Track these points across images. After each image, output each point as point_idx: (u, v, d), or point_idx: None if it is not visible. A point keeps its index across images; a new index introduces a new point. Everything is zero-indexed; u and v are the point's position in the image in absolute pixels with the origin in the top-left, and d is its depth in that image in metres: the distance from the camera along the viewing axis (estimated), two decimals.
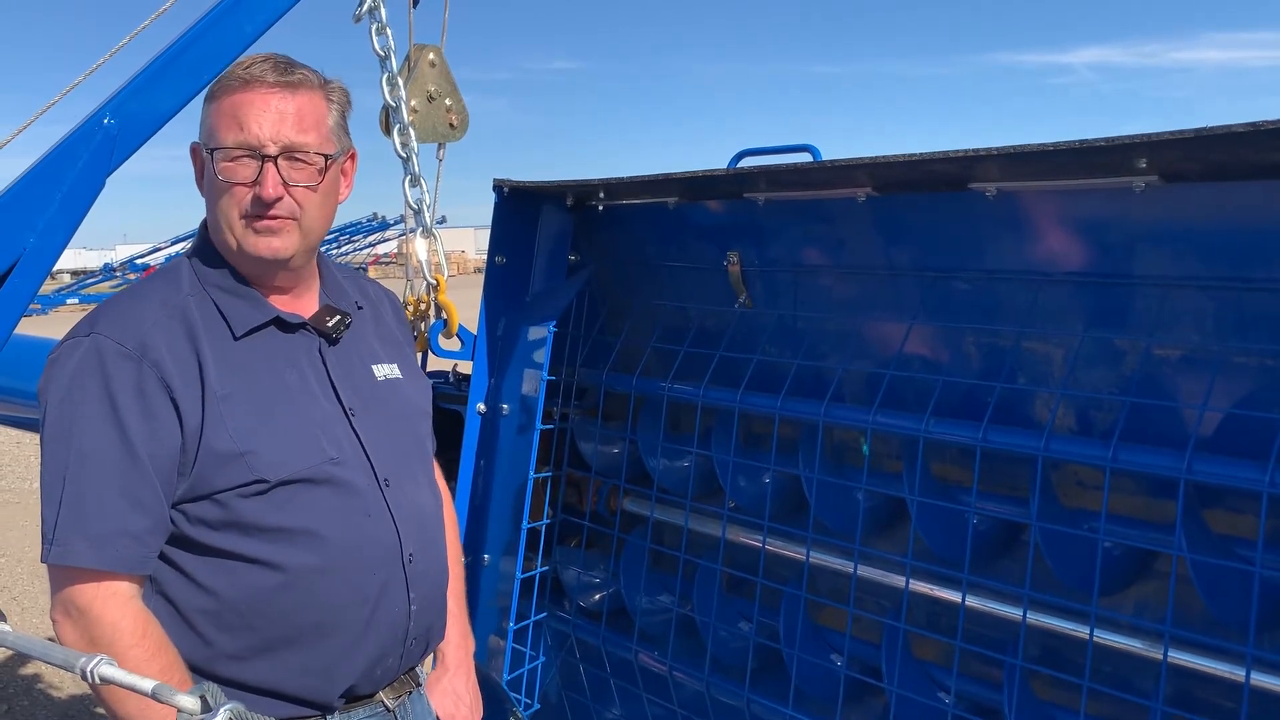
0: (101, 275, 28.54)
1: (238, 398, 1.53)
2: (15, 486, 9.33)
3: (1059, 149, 1.54)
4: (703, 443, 2.31)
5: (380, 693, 1.67)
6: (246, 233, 1.58)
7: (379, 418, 1.68)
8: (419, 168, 2.67)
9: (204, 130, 1.60)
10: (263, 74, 1.56)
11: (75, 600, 1.47)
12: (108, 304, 1.60)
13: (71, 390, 1.50)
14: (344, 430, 1.62)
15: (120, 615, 1.47)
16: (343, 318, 1.69)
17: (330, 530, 1.55)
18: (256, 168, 1.55)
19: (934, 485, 2.02)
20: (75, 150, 2.13)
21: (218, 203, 1.58)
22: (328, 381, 1.64)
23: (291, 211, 1.58)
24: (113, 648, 1.44)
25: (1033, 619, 1.82)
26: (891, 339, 2.08)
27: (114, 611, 1.47)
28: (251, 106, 1.55)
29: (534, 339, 2.37)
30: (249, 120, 1.54)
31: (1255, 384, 1.65)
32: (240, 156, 1.55)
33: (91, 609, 1.46)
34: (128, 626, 1.47)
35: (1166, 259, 1.70)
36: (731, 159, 2.28)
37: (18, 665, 5.08)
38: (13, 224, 2.10)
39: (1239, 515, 1.71)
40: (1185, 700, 1.71)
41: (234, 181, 1.55)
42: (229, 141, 1.55)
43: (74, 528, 1.46)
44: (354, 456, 1.61)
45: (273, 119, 1.55)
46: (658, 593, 2.51)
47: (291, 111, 1.57)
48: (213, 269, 1.62)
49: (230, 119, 1.55)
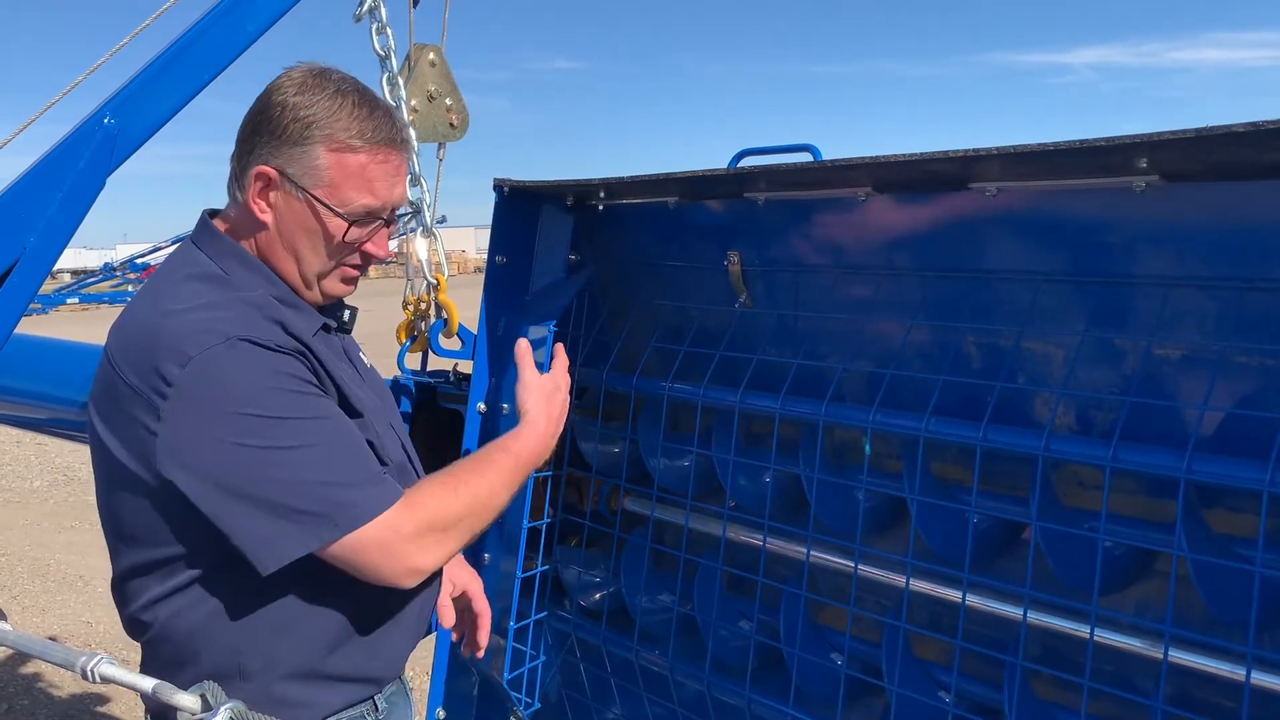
0: (101, 275, 28.52)
1: (346, 388, 1.60)
2: (15, 486, 9.32)
3: (1059, 149, 1.54)
4: (703, 442, 2.31)
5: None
6: (335, 280, 1.65)
7: (388, 406, 1.80)
8: (419, 167, 2.68)
9: (310, 175, 1.57)
10: (390, 136, 1.60)
11: (407, 532, 1.49)
12: (193, 316, 1.50)
13: (251, 391, 1.45)
14: (385, 422, 1.73)
15: (426, 490, 1.55)
16: (353, 311, 1.79)
17: None
18: (373, 228, 1.63)
19: (934, 484, 2.02)
20: (76, 150, 2.14)
21: (320, 252, 1.61)
22: (357, 374, 1.74)
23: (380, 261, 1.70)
24: (450, 520, 1.54)
25: (1033, 618, 1.82)
26: (892, 338, 2.08)
27: (425, 497, 1.53)
28: (380, 170, 1.59)
29: (534, 338, 2.36)
30: (378, 186, 1.59)
31: (1256, 384, 1.65)
32: (364, 219, 1.61)
33: (425, 518, 1.51)
34: (437, 487, 1.57)
35: (1167, 259, 1.70)
36: (732, 159, 2.28)
37: (17, 664, 5.08)
38: (13, 223, 2.10)
39: (1239, 515, 1.71)
40: (1186, 700, 1.71)
41: (358, 243, 1.62)
42: (357, 205, 1.59)
43: (358, 484, 1.47)
44: (397, 445, 1.73)
45: (397, 185, 1.63)
46: (658, 592, 2.52)
47: (404, 174, 1.66)
48: (259, 278, 1.62)
49: (359, 180, 1.57)
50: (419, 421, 2.58)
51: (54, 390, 2.81)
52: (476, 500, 1.59)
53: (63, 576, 6.66)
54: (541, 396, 1.83)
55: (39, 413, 3.03)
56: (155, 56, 2.24)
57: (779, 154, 2.25)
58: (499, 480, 1.65)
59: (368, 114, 1.58)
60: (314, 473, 1.44)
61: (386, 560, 1.48)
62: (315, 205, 1.58)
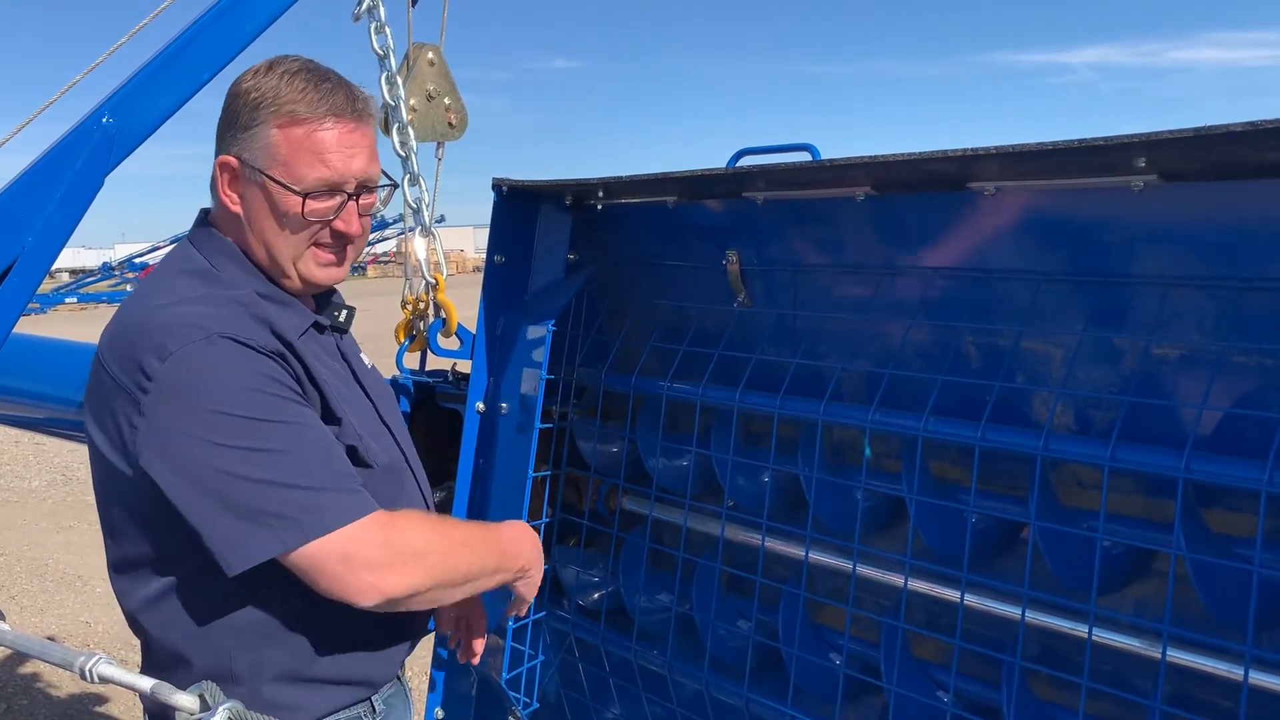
0: (100, 274, 28.51)
1: (332, 390, 1.58)
2: (14, 485, 9.32)
3: (1058, 148, 1.53)
4: (702, 442, 2.31)
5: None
6: (311, 264, 1.62)
7: (388, 406, 1.78)
8: (418, 167, 2.68)
9: (263, 155, 1.56)
10: (341, 108, 1.56)
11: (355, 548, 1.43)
12: (178, 310, 1.50)
13: (227, 389, 1.43)
14: (378, 421, 1.71)
15: (405, 516, 1.51)
16: (350, 311, 1.77)
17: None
18: (337, 204, 1.57)
19: (933, 484, 2.02)
20: (74, 149, 2.13)
21: (288, 234, 1.58)
22: (352, 374, 1.72)
23: (358, 239, 1.64)
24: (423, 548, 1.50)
25: (1032, 618, 1.82)
26: (890, 338, 2.08)
27: (401, 520, 1.49)
28: (335, 143, 1.55)
29: (533, 338, 2.36)
30: (333, 158, 1.55)
31: (1254, 383, 1.65)
32: (323, 194, 1.56)
33: (394, 538, 1.46)
34: (416, 518, 1.53)
35: (1165, 258, 1.70)
36: (730, 158, 2.28)
37: (16, 664, 5.08)
38: (11, 223, 2.10)
39: (1238, 514, 1.71)
40: (1184, 699, 1.71)
41: (318, 220, 1.57)
42: (311, 180, 1.55)
43: (328, 490, 1.43)
44: (391, 444, 1.71)
45: (354, 156, 1.57)
46: (657, 591, 2.52)
47: (367, 145, 1.60)
48: (248, 275, 1.61)
49: (311, 155, 1.54)
50: (417, 421, 2.58)
51: (52, 390, 2.81)
52: (450, 545, 1.56)
53: (61, 576, 6.66)
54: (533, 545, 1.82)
55: (37, 412, 3.03)
56: (154, 56, 2.23)
57: (778, 153, 2.25)
58: (479, 543, 1.63)
59: (314, 86, 1.56)
60: (284, 477, 1.42)
61: (347, 573, 1.42)
62: (270, 185, 1.56)
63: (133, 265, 26.79)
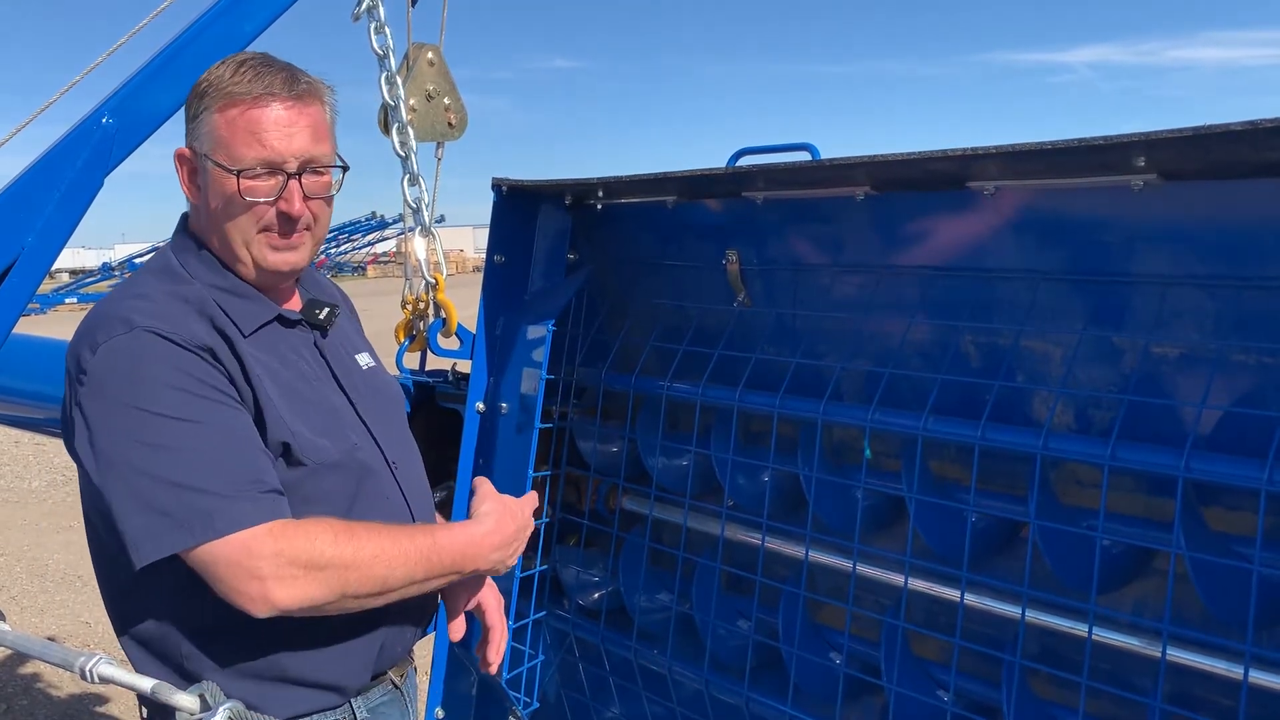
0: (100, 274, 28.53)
1: (272, 387, 1.56)
2: (14, 486, 9.31)
3: (1057, 147, 1.54)
4: (702, 441, 2.31)
5: (389, 671, 1.72)
6: (264, 249, 1.60)
7: (375, 404, 1.74)
8: (417, 167, 2.68)
9: (208, 140, 1.57)
10: (275, 87, 1.55)
11: (254, 557, 1.39)
12: (120, 304, 1.53)
13: (145, 375, 1.44)
14: (352, 417, 1.67)
15: (309, 527, 1.44)
16: (332, 309, 1.73)
17: (360, 513, 1.59)
18: (278, 184, 1.56)
19: (933, 483, 2.02)
20: (74, 149, 2.14)
21: (234, 218, 1.57)
22: (329, 372, 1.69)
23: (309, 224, 1.61)
24: (331, 557, 1.42)
25: (1031, 617, 1.82)
26: (890, 337, 2.08)
27: (300, 531, 1.43)
28: (271, 122, 1.55)
29: (533, 338, 2.37)
30: (269, 137, 1.54)
31: (1253, 382, 1.65)
32: (262, 174, 1.55)
33: (286, 549, 1.40)
34: (323, 529, 1.44)
35: (1165, 257, 1.70)
36: (730, 158, 2.28)
37: (16, 665, 5.08)
38: (11, 223, 2.10)
39: (1237, 513, 1.71)
40: (1184, 698, 1.71)
41: (258, 200, 1.56)
42: (249, 159, 1.54)
43: (222, 495, 1.40)
44: (366, 442, 1.67)
45: (293, 134, 1.56)
46: (657, 591, 2.52)
47: (308, 125, 1.58)
48: (209, 270, 1.62)
49: (247, 134, 1.54)
50: (417, 421, 2.58)
51: (52, 390, 2.79)
52: (359, 556, 1.45)
53: (61, 577, 6.66)
54: (505, 514, 1.72)
55: (37, 413, 3.03)
56: (153, 56, 2.24)
57: (777, 153, 2.25)
58: (399, 553, 1.49)
59: (254, 70, 1.56)
60: (179, 476, 1.41)
61: (236, 580, 1.39)
62: (212, 169, 1.57)
63: (132, 265, 26.82)
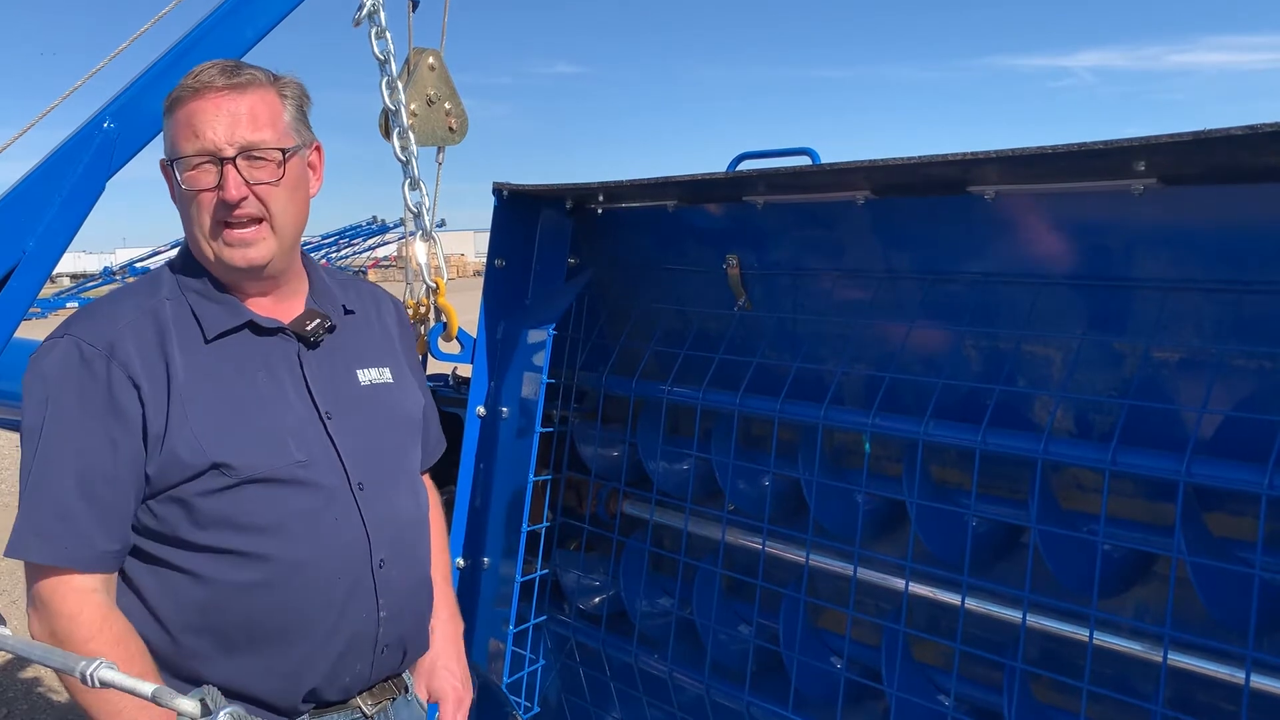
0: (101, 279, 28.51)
1: (205, 399, 1.54)
2: (15, 490, 9.31)
3: (1057, 152, 1.54)
4: (702, 445, 2.31)
5: (357, 698, 1.66)
6: (220, 245, 1.60)
7: (358, 422, 1.66)
8: (418, 171, 2.68)
9: (166, 144, 1.61)
10: (210, 79, 1.57)
11: (36, 593, 1.51)
12: (87, 307, 1.64)
13: (46, 389, 1.53)
14: (316, 433, 1.61)
15: (78, 608, 1.49)
16: (322, 321, 1.68)
17: (294, 532, 1.55)
18: (217, 173, 1.56)
19: (933, 488, 2.02)
20: (75, 154, 2.14)
21: (188, 213, 1.60)
22: (303, 385, 1.64)
23: (259, 212, 1.58)
24: (70, 639, 1.47)
25: (1032, 621, 1.82)
26: (891, 341, 2.08)
27: (71, 604, 1.49)
28: (204, 113, 1.56)
29: (533, 342, 2.37)
30: (203, 126, 1.56)
31: (1254, 386, 1.66)
32: (201, 164, 1.56)
33: (51, 602, 1.50)
34: (86, 618, 1.49)
35: (1165, 261, 1.70)
36: (731, 162, 2.28)
37: (17, 669, 5.07)
38: (13, 227, 2.11)
39: (1238, 518, 1.71)
40: (1185, 703, 1.71)
41: (198, 189, 1.57)
42: (188, 150, 1.56)
43: (29, 523, 1.50)
44: (325, 459, 1.60)
45: (226, 121, 1.56)
46: (657, 596, 2.52)
47: (244, 111, 1.58)
48: (193, 277, 1.64)
49: (186, 128, 1.56)
50: None
51: None
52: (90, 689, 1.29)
53: None
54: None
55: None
56: (154, 61, 2.24)
57: (778, 158, 2.26)
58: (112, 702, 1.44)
59: (200, 70, 1.59)
60: (25, 485, 1.52)
61: (33, 605, 1.51)
62: (169, 170, 1.60)
63: (134, 270, 26.78)
